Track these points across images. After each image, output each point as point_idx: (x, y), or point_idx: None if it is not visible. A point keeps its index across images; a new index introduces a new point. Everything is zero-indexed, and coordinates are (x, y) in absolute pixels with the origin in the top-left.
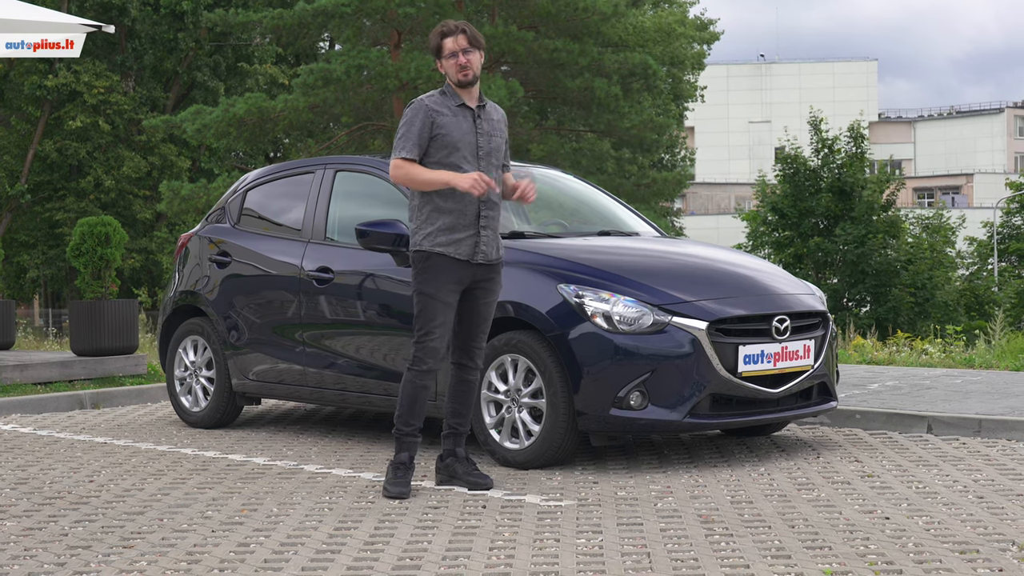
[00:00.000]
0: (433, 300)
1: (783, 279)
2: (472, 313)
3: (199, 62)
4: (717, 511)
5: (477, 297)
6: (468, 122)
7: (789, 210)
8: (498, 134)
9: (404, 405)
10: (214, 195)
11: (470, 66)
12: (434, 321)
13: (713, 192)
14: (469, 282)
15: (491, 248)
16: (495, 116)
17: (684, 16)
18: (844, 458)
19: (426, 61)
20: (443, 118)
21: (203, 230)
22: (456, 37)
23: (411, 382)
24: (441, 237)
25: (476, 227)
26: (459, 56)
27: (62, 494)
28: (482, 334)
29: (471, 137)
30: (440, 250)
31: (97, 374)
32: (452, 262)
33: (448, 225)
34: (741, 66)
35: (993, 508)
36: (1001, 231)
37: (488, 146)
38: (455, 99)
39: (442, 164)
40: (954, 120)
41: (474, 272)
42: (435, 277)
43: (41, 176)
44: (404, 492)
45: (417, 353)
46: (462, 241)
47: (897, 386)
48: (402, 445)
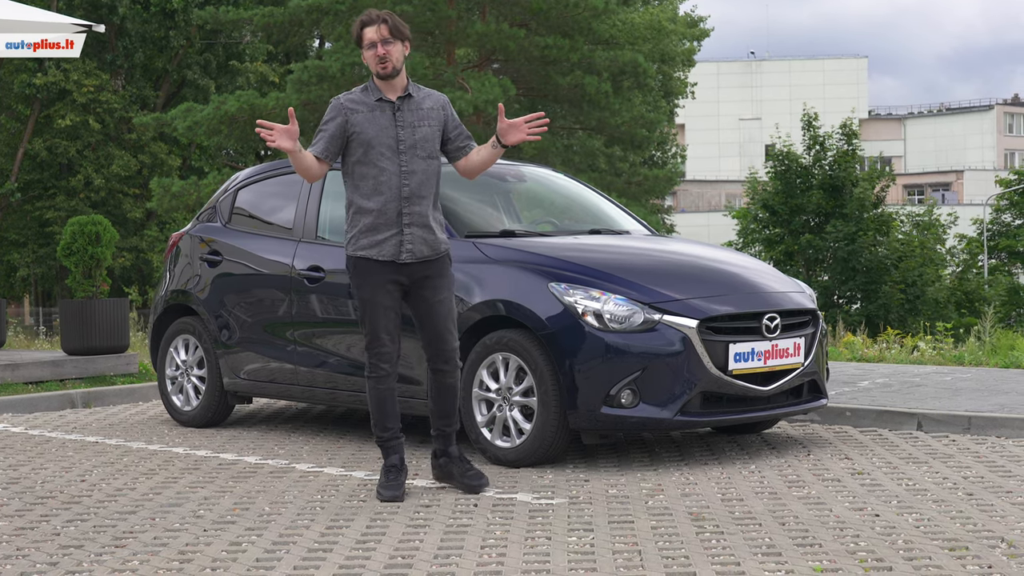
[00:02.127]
0: (371, 305)
1: (773, 277)
2: (427, 315)
3: (189, 60)
4: (708, 509)
5: (425, 298)
6: (386, 116)
7: (780, 207)
8: (427, 123)
9: (374, 413)
10: (204, 192)
11: (389, 58)
12: (377, 325)
13: (704, 189)
14: (408, 282)
15: (421, 245)
16: (426, 104)
17: (674, 13)
18: (834, 456)
19: (420, 59)
20: (357, 116)
21: (194, 229)
22: (377, 27)
23: (373, 389)
24: (363, 239)
25: (398, 225)
26: (378, 47)
27: (54, 493)
28: (447, 334)
29: (389, 131)
30: (363, 253)
31: (88, 373)
32: (377, 265)
33: (369, 226)
34: (731, 63)
35: (983, 505)
36: (991, 228)
37: (412, 138)
38: (374, 94)
39: (360, 163)
40: (944, 117)
41: (410, 272)
42: (366, 281)
43: (31, 175)
44: (397, 495)
45: (370, 360)
46: (385, 242)
47: (887, 383)
48: (387, 450)
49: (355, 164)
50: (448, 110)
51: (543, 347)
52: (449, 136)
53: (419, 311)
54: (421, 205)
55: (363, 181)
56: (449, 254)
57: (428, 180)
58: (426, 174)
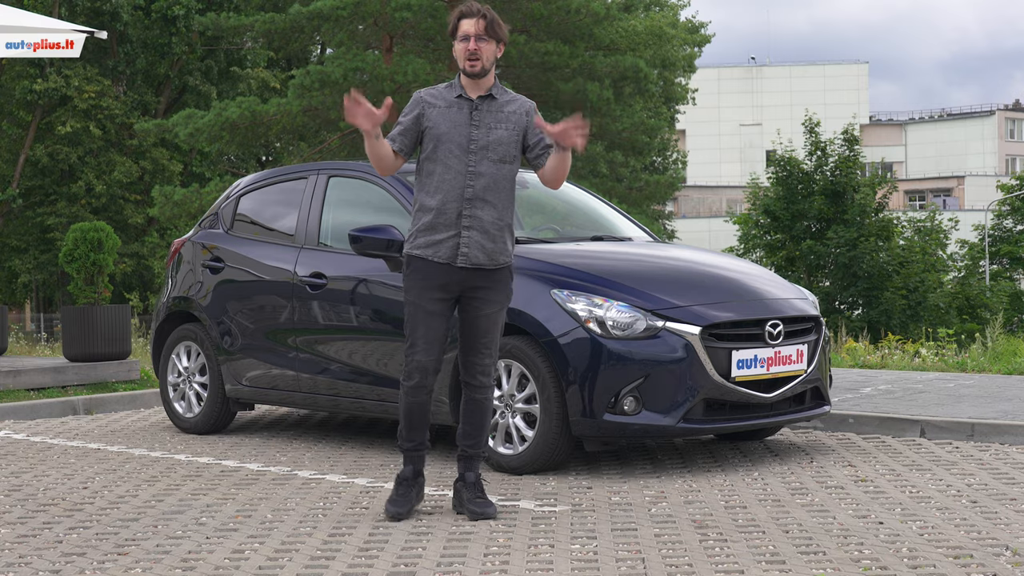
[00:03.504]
0: (415, 308)
1: (776, 283)
2: (468, 326)
3: (191, 66)
4: (711, 516)
5: (474, 308)
6: (462, 114)
7: (781, 213)
8: (505, 126)
9: (402, 420)
10: (206, 199)
11: (480, 55)
12: (416, 332)
13: (704, 195)
14: (459, 290)
15: (478, 252)
16: (509, 108)
17: (675, 19)
18: (837, 463)
19: (422, 65)
20: (434, 110)
21: (196, 236)
22: (476, 20)
23: (404, 397)
24: (421, 238)
25: (457, 227)
26: (471, 41)
27: (56, 501)
28: (484, 349)
29: (462, 129)
30: (418, 252)
31: (90, 380)
32: (431, 266)
33: (428, 224)
34: (732, 69)
35: (987, 513)
36: (992, 233)
37: (486, 139)
38: (455, 90)
39: (429, 159)
40: (945, 123)
41: (462, 278)
42: (416, 283)
43: (32, 181)
44: (400, 513)
45: (407, 367)
46: (441, 243)
47: (890, 390)
48: (407, 459)
49: (424, 160)
50: (532, 116)
51: (545, 354)
52: (529, 143)
53: (462, 320)
54: (485, 210)
55: (429, 178)
56: (511, 269)
57: (497, 185)
58: (495, 178)
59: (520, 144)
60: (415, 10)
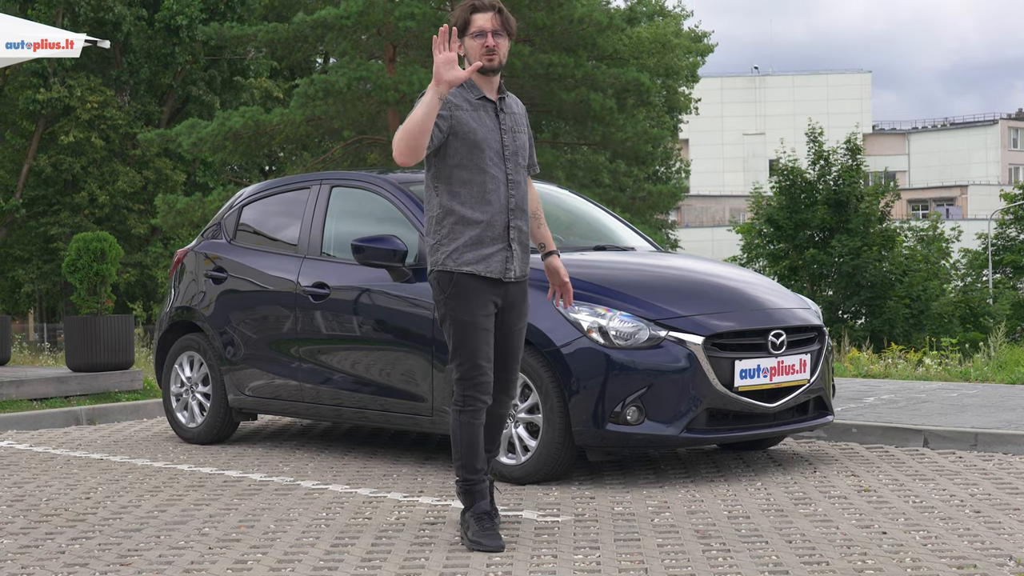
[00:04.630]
0: (473, 328)
1: (779, 293)
2: (503, 341)
3: (194, 76)
4: (714, 526)
5: (510, 322)
6: (491, 117)
7: (784, 222)
8: (521, 130)
9: (465, 452)
10: (209, 209)
11: (497, 51)
12: (479, 353)
13: (708, 204)
14: (504, 303)
15: (519, 264)
16: (516, 109)
17: (678, 28)
18: (841, 472)
19: (426, 74)
20: (463, 112)
21: (199, 246)
22: (490, 15)
23: (467, 425)
24: (468, 254)
25: (506, 240)
26: (488, 37)
27: (59, 511)
28: (515, 364)
29: (495, 135)
30: (468, 269)
31: (93, 390)
32: (483, 282)
33: (475, 239)
34: (735, 78)
35: (990, 522)
36: (995, 242)
37: (514, 144)
38: (475, 90)
39: (462, 166)
40: (948, 132)
41: (504, 292)
42: (468, 301)
43: (36, 191)
44: (500, 544)
45: (466, 392)
46: (492, 257)
47: (893, 399)
48: (476, 495)
49: (455, 167)
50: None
51: (548, 364)
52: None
53: (498, 337)
54: (523, 220)
55: (465, 188)
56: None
57: (527, 193)
58: (524, 187)
59: None
60: (419, 19)
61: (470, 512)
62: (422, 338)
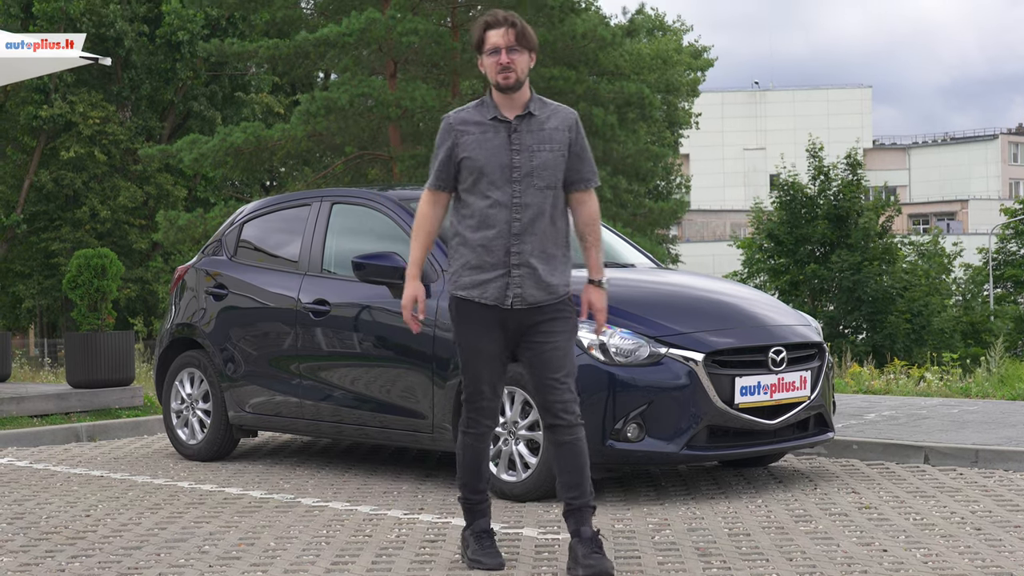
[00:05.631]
0: (471, 352)
1: (779, 310)
2: (535, 363)
3: (195, 92)
4: (715, 544)
5: (536, 344)
6: (499, 138)
7: (785, 237)
8: (548, 147)
9: (467, 472)
10: (210, 224)
11: (513, 68)
12: (480, 378)
13: (708, 219)
14: (517, 328)
15: (532, 289)
16: (550, 124)
17: (679, 44)
18: (841, 489)
19: (427, 90)
20: (468, 137)
21: (200, 262)
22: (504, 31)
23: (470, 447)
24: (465, 278)
25: (505, 265)
26: (502, 54)
27: (59, 529)
28: (560, 384)
29: (502, 156)
30: (463, 294)
31: (93, 406)
32: (479, 308)
33: (474, 263)
34: (735, 93)
35: (991, 540)
36: (996, 257)
37: (529, 164)
38: (489, 111)
39: (468, 191)
40: (948, 147)
41: (519, 318)
42: (468, 328)
43: (37, 206)
44: (501, 561)
45: (469, 414)
46: (489, 283)
47: (894, 416)
48: (476, 513)
49: (464, 192)
50: (576, 130)
51: None
52: (569, 160)
53: (528, 359)
54: (533, 243)
55: (468, 211)
56: (572, 298)
57: (545, 214)
58: (542, 207)
59: (566, 165)
60: (421, 35)
61: (470, 530)
62: (422, 355)
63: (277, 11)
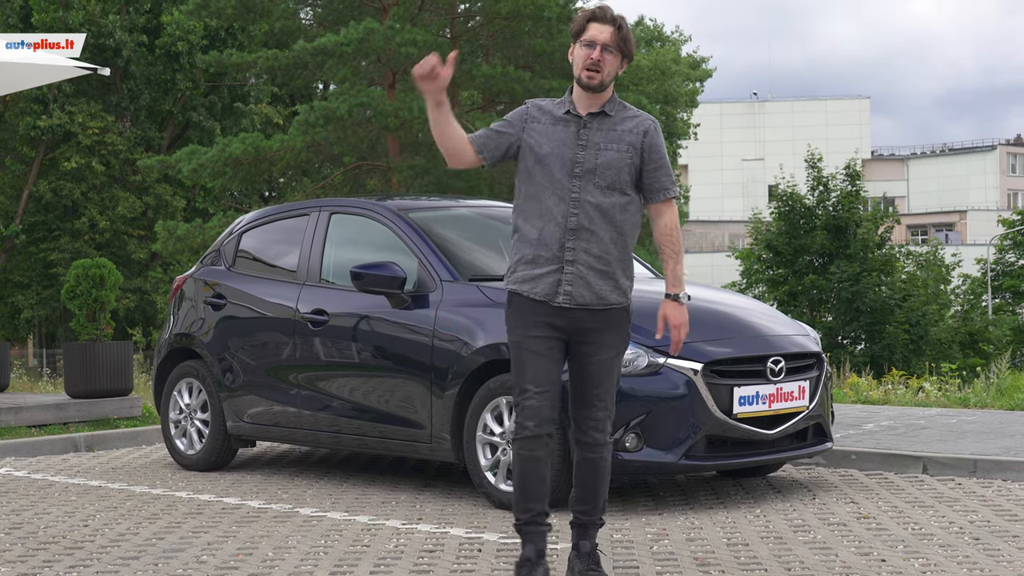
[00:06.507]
0: (519, 349)
1: (777, 320)
2: (578, 374)
3: (194, 102)
4: (713, 554)
5: (584, 353)
6: (568, 132)
7: (784, 248)
8: (616, 147)
9: (517, 487)
10: (209, 235)
11: (601, 67)
12: (524, 375)
13: (707, 230)
14: (567, 331)
15: (583, 289)
16: (623, 127)
17: (677, 54)
18: (840, 499)
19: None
20: (538, 126)
21: (198, 272)
22: (606, 27)
23: (517, 455)
24: (521, 271)
25: (559, 261)
26: (596, 50)
27: (56, 539)
28: (597, 401)
29: (567, 149)
30: (515, 287)
31: (92, 416)
32: (530, 303)
33: (529, 257)
34: (734, 104)
35: (989, 550)
36: (995, 268)
37: (593, 161)
38: (564, 106)
39: (530, 181)
40: (947, 157)
41: (569, 319)
42: (517, 322)
43: (36, 216)
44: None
45: (517, 418)
46: (541, 278)
47: (892, 426)
48: (524, 536)
49: (524, 182)
50: (652, 137)
51: None
52: (645, 168)
53: (572, 368)
54: (592, 242)
55: (529, 203)
56: (628, 310)
57: (607, 215)
58: (603, 207)
59: (635, 169)
60: (420, 46)
61: (520, 557)
62: (421, 365)
63: (276, 22)
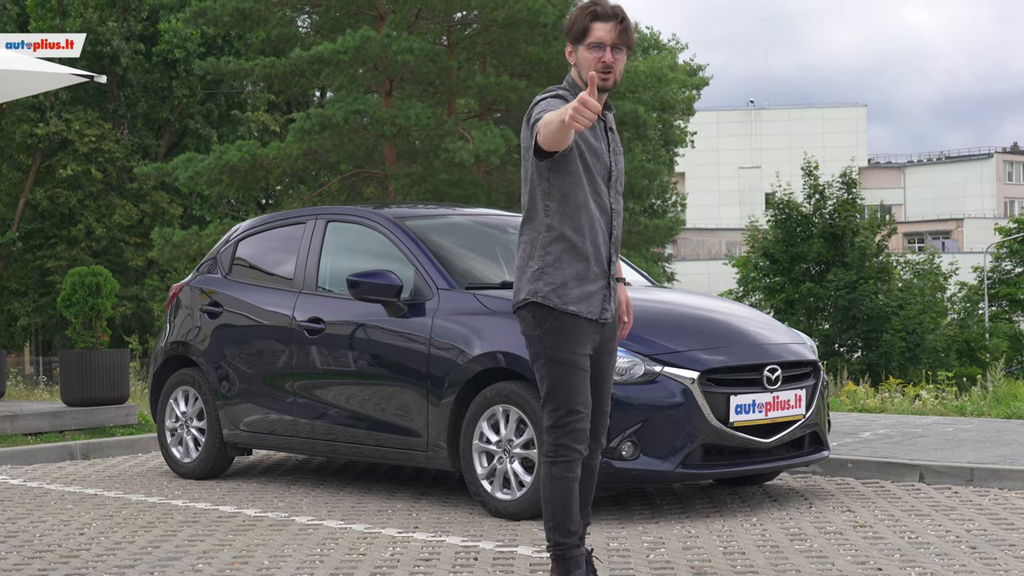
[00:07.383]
0: (570, 369)
1: (774, 328)
2: (597, 385)
3: (191, 110)
4: (710, 563)
5: (602, 362)
6: (603, 137)
7: (780, 255)
8: (621, 152)
9: (558, 511)
10: (206, 242)
11: (615, 69)
12: (576, 397)
13: (704, 238)
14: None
15: (614, 304)
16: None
17: (674, 62)
18: (836, 508)
19: (423, 108)
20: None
21: (194, 280)
22: (612, 26)
23: (560, 479)
24: (575, 290)
25: (607, 276)
26: (607, 51)
27: (52, 547)
28: (607, 407)
29: (604, 156)
30: (574, 309)
31: (88, 424)
32: (584, 323)
33: (580, 273)
34: (731, 112)
35: (986, 559)
36: (991, 276)
37: (617, 169)
38: None
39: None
40: (943, 165)
41: (601, 333)
42: (568, 340)
43: (32, 224)
44: None
45: (560, 440)
46: (593, 296)
47: (889, 434)
48: (569, 563)
49: (574, 187)
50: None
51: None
52: None
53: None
54: (619, 254)
55: (577, 212)
56: None
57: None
58: (622, 218)
59: None
60: (416, 53)
61: None
62: (417, 373)
63: (272, 29)
